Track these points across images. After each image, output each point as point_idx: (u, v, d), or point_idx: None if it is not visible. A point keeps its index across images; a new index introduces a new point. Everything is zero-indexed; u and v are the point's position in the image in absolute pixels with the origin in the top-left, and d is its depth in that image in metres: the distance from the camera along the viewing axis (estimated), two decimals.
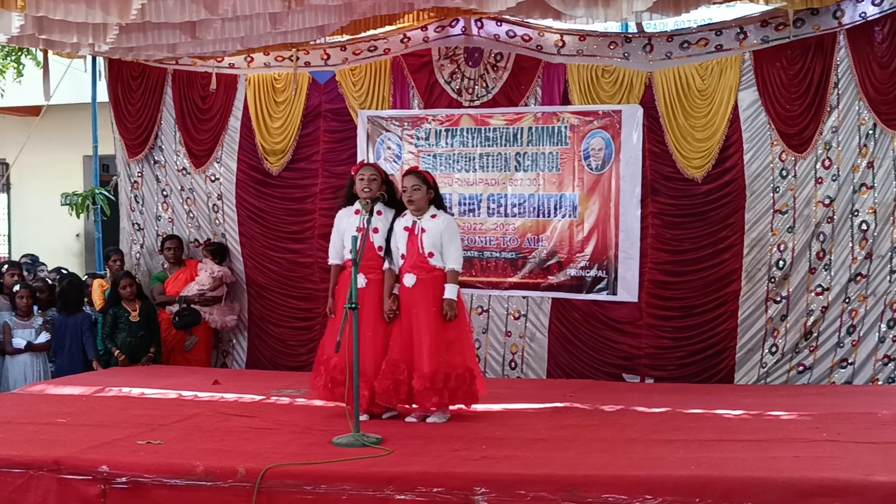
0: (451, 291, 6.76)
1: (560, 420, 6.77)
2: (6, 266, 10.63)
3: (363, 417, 6.31)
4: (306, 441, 6.02)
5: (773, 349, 8.78)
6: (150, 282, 10.42)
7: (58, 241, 16.45)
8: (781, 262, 8.74)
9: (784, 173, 8.71)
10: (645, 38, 9.12)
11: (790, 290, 8.73)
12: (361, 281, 6.76)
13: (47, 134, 13.45)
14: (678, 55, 9.01)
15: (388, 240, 6.96)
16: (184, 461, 5.34)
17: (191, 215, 10.57)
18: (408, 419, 6.75)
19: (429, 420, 6.67)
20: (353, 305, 6.09)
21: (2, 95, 13.71)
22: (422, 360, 6.68)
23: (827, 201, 8.59)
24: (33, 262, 12.86)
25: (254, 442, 6.00)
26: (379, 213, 6.92)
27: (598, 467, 5.07)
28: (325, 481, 5.07)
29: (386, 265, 6.97)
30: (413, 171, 7.06)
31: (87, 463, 5.39)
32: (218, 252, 10.22)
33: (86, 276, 11.08)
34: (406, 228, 6.88)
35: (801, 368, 8.72)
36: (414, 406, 6.79)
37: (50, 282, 10.53)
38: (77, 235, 17.07)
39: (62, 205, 11.29)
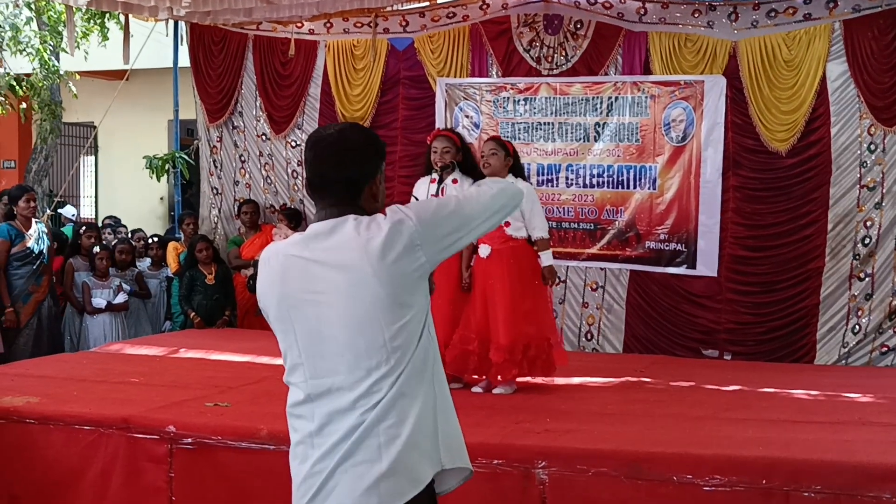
0: (547, 258, 6.77)
1: (629, 395, 6.67)
2: (84, 228, 10.82)
3: None
4: None
5: (856, 329, 8.54)
6: (227, 245, 10.50)
7: (143, 204, 16.73)
8: (867, 239, 8.48)
9: (872, 147, 8.44)
10: (730, 6, 8.86)
11: (875, 268, 8.47)
12: None
13: (133, 98, 13.64)
14: (764, 24, 8.75)
15: None
16: (249, 424, 5.37)
17: (268, 181, 10.62)
18: (474, 389, 6.70)
19: (495, 391, 6.61)
20: None
21: (85, 58, 13.88)
22: (498, 332, 6.60)
23: None
24: (115, 223, 13.09)
25: None
26: (455, 181, 6.77)
27: (664, 444, 4.96)
28: None
29: None
30: (493, 138, 7.02)
31: (155, 422, 5.46)
32: (293, 217, 10.22)
33: (152, 238, 11.19)
34: None
35: (884, 349, 8.47)
36: (481, 377, 6.74)
37: (133, 244, 10.80)
38: (161, 199, 17.33)
39: (145, 168, 11.42)
